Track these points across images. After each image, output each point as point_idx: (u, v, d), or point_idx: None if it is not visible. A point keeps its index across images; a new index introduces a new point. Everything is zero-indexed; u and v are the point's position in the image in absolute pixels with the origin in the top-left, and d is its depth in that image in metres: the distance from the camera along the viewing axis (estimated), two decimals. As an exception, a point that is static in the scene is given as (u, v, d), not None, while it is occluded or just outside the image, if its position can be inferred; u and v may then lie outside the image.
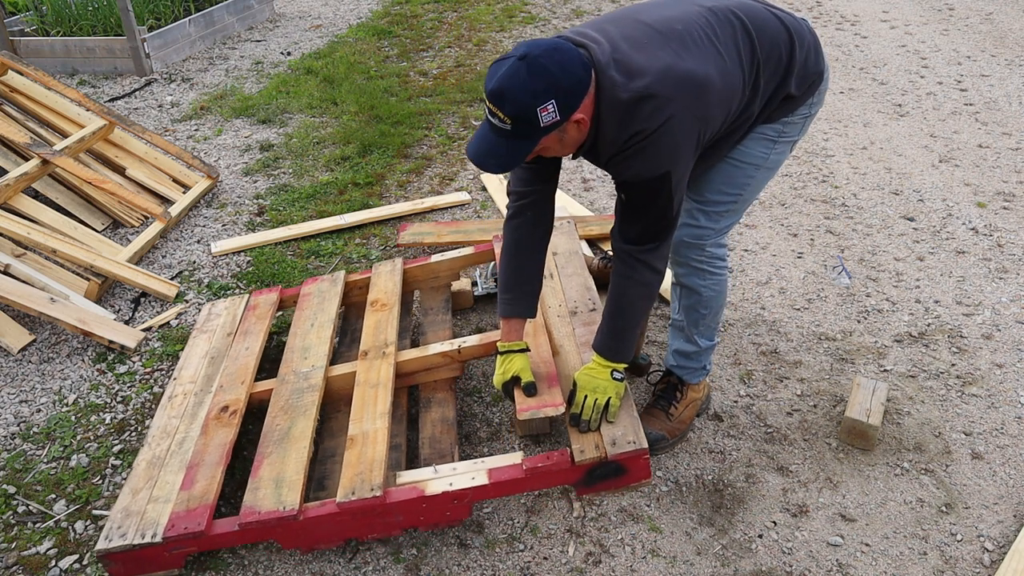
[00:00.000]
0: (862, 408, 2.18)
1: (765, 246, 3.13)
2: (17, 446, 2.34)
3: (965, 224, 3.22)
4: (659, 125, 1.58)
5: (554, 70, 1.51)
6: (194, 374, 2.34)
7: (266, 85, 4.99)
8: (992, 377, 2.42)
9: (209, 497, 1.86)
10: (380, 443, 1.91)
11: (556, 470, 1.81)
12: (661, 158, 1.62)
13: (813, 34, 1.85)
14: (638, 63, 1.60)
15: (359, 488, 1.80)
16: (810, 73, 1.81)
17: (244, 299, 2.64)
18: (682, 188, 1.70)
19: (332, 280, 2.61)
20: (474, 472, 1.85)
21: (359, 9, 6.73)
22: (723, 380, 2.45)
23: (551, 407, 1.86)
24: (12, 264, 2.80)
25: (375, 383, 2.11)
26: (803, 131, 1.92)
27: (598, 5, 6.43)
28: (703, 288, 2.04)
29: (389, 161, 3.92)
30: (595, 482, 1.84)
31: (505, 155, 1.58)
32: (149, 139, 3.67)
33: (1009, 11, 5.86)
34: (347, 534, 1.86)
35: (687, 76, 1.60)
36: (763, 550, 1.92)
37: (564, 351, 2.10)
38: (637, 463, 1.82)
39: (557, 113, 1.53)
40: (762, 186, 1.98)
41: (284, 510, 1.79)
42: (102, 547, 1.81)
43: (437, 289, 2.68)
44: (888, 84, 4.65)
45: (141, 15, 5.44)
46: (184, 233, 3.40)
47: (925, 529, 1.96)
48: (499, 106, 1.53)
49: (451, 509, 1.84)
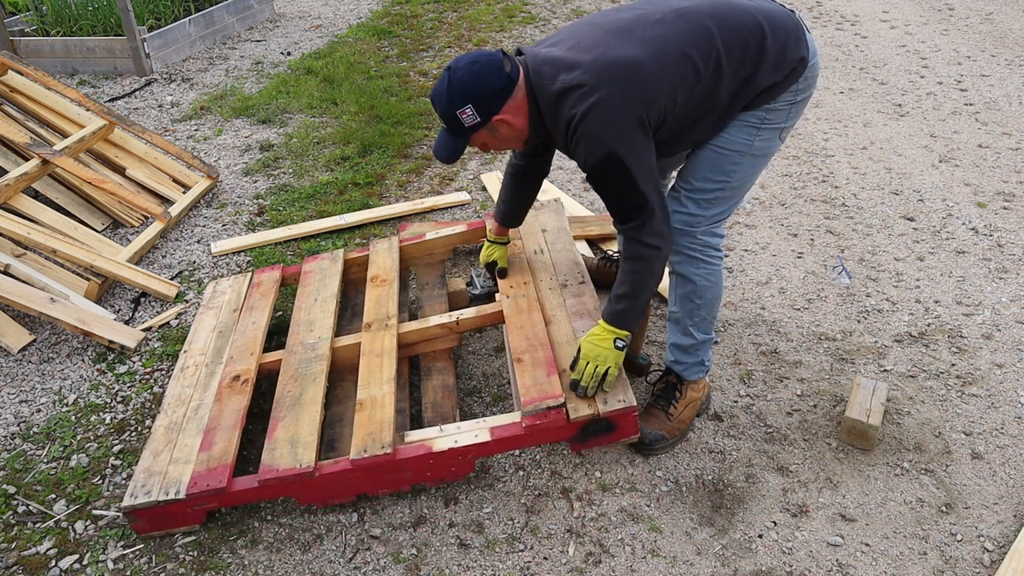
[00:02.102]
0: (862, 408, 2.18)
1: (765, 246, 3.13)
2: (17, 446, 2.34)
3: (965, 224, 3.22)
4: (587, 109, 1.74)
5: (468, 81, 1.79)
6: (204, 347, 2.47)
7: (266, 85, 4.99)
8: (992, 377, 2.42)
9: (228, 457, 2.00)
10: (388, 406, 2.04)
11: (553, 427, 1.94)
12: (600, 139, 1.76)
13: (796, 22, 1.90)
14: (573, 60, 1.79)
15: (371, 446, 1.94)
16: (788, 60, 1.85)
17: (248, 277, 2.76)
18: (642, 166, 1.80)
19: (332, 258, 2.73)
20: (477, 430, 1.98)
21: (359, 9, 6.73)
22: (723, 380, 2.45)
23: (552, 398, 1.96)
24: (12, 264, 2.80)
25: (380, 352, 2.24)
26: (791, 118, 1.95)
27: (598, 5, 6.43)
28: (697, 277, 2.06)
29: (389, 161, 3.92)
30: (588, 438, 1.98)
31: (449, 148, 1.91)
32: (149, 139, 3.67)
33: (1009, 11, 5.86)
34: (360, 489, 2.00)
35: (615, 61, 1.76)
36: (763, 550, 1.92)
37: (556, 320, 2.23)
38: (626, 420, 1.96)
39: (476, 116, 1.82)
40: (751, 174, 2.01)
41: (301, 467, 1.92)
42: (128, 503, 1.94)
43: (432, 265, 2.83)
44: (888, 84, 4.65)
45: (141, 15, 5.44)
46: (184, 233, 3.40)
47: (925, 529, 1.96)
48: (434, 107, 1.88)
49: (456, 465, 1.98)
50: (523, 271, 2.44)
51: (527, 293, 2.34)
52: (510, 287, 2.38)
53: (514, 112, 1.85)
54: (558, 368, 2.05)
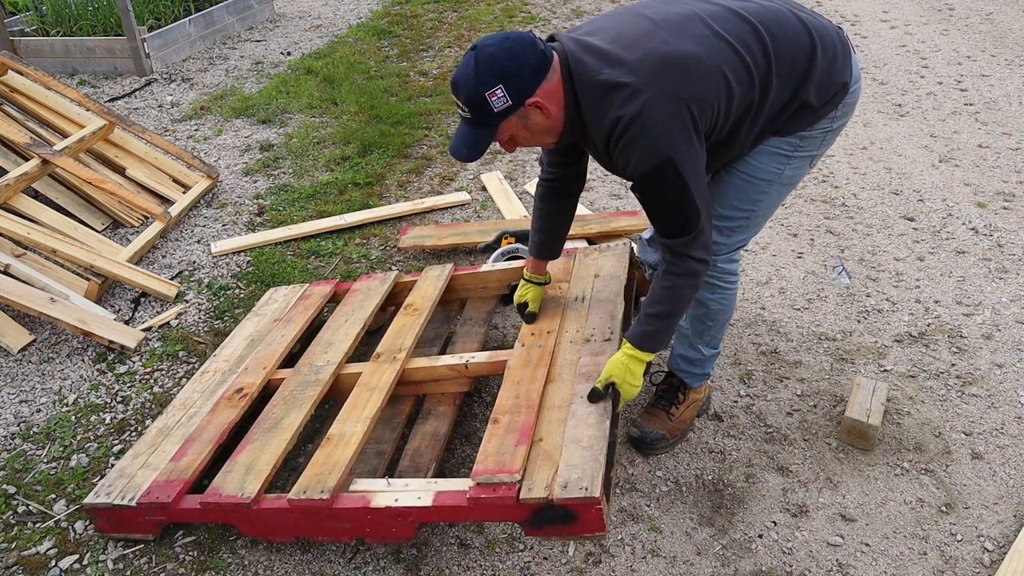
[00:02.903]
0: (862, 408, 2.18)
1: (765, 246, 3.13)
2: (17, 446, 2.34)
3: (965, 224, 3.22)
4: (637, 111, 1.58)
5: (501, 57, 1.59)
6: (231, 353, 2.45)
7: (266, 85, 4.99)
8: (992, 377, 2.42)
9: (188, 472, 1.94)
10: (351, 447, 1.89)
11: (500, 504, 1.66)
12: (653, 145, 1.60)
13: (844, 42, 1.78)
14: (620, 52, 1.62)
15: (311, 488, 1.80)
16: (833, 82, 1.74)
17: (302, 288, 2.71)
18: (695, 173, 1.64)
19: (382, 279, 2.62)
20: (422, 491, 1.77)
21: (359, 9, 6.73)
22: (723, 380, 2.45)
23: (506, 473, 1.69)
24: (12, 264, 2.80)
25: (373, 387, 2.10)
26: (824, 145, 1.85)
27: (598, 5, 6.43)
28: (711, 302, 2.02)
29: (389, 161, 3.92)
30: (543, 525, 1.66)
31: (471, 143, 1.67)
32: (149, 139, 3.67)
33: (1009, 11, 5.86)
34: (299, 531, 1.86)
35: (667, 56, 1.60)
36: (763, 550, 1.92)
37: (559, 380, 1.98)
38: (588, 512, 1.62)
39: (508, 98, 1.60)
40: (778, 202, 1.92)
41: (241, 497, 1.83)
42: (89, 501, 1.97)
43: (484, 300, 2.61)
44: (888, 84, 4.65)
45: (141, 15, 5.44)
46: (184, 233, 3.40)
47: (925, 529, 1.96)
48: (456, 95, 1.64)
49: (396, 526, 1.77)
50: (554, 318, 2.20)
51: (544, 344, 2.10)
52: (531, 335, 2.16)
53: (549, 97, 1.64)
54: (532, 438, 1.79)
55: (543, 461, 1.73)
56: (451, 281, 2.56)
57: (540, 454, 1.75)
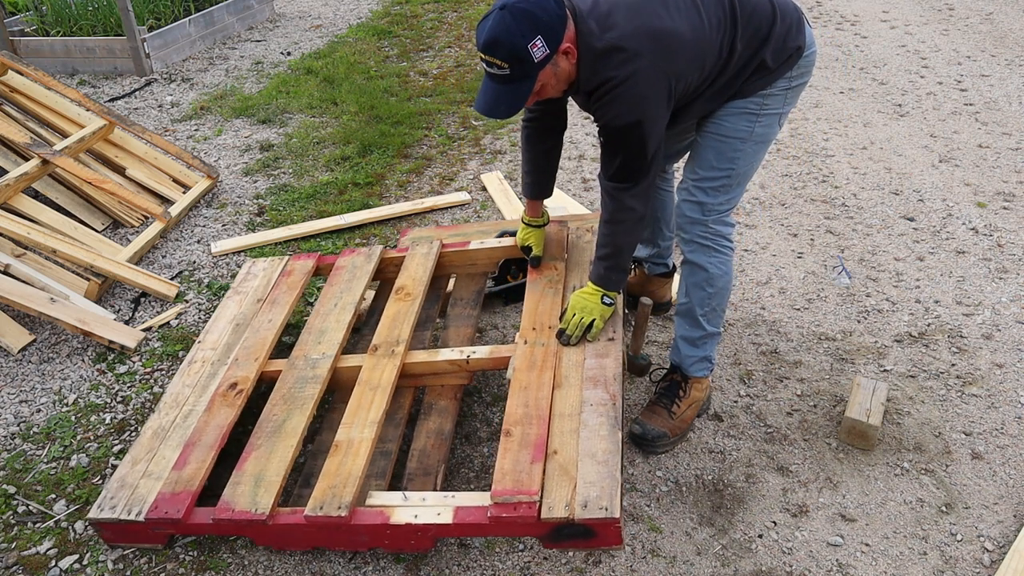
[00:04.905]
0: (862, 408, 2.18)
1: (765, 246, 3.13)
2: (17, 446, 2.34)
3: (965, 224, 3.22)
4: (627, 76, 1.75)
5: (533, 9, 1.70)
6: (217, 340, 2.38)
7: (266, 85, 4.99)
8: (992, 377, 2.42)
9: (194, 483, 1.90)
10: (361, 456, 1.88)
11: (521, 523, 1.70)
12: (631, 107, 1.78)
13: (798, 11, 1.98)
14: (615, 20, 1.77)
15: (328, 504, 1.79)
16: (788, 46, 1.93)
17: (282, 262, 2.62)
18: (656, 135, 1.84)
19: (367, 255, 2.56)
20: (441, 507, 1.78)
21: (359, 9, 6.73)
22: (723, 380, 2.45)
23: (525, 494, 1.71)
24: (12, 264, 2.80)
25: (375, 385, 2.08)
26: (788, 103, 2.02)
27: (598, 5, 6.43)
28: (709, 265, 2.10)
29: (389, 161, 3.92)
30: (562, 539, 1.73)
31: (511, 99, 1.78)
32: (149, 139, 3.67)
33: (1009, 11, 5.86)
34: (315, 543, 1.88)
35: (658, 31, 1.76)
36: (763, 550, 1.92)
37: (567, 384, 1.97)
38: (607, 529, 1.68)
39: (546, 47, 1.72)
40: (755, 160, 2.06)
41: (255, 512, 1.80)
42: (94, 515, 1.91)
43: (472, 278, 2.59)
44: (888, 84, 4.65)
45: (141, 15, 5.44)
46: (184, 233, 3.40)
47: (925, 529, 1.96)
48: (494, 54, 1.71)
49: (415, 539, 1.79)
50: (554, 310, 2.18)
51: (547, 342, 2.08)
52: (532, 329, 2.13)
53: (572, 42, 1.78)
54: (547, 450, 1.81)
55: (560, 477, 1.75)
56: (439, 258, 2.55)
57: (556, 469, 1.76)
